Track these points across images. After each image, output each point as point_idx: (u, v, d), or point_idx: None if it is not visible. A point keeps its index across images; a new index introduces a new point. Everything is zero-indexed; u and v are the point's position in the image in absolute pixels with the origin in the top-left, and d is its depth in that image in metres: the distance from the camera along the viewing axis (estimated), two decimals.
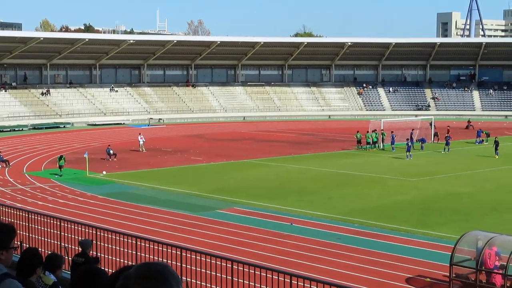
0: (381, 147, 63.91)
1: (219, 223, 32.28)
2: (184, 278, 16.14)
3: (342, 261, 26.05)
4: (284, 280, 13.24)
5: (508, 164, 53.72)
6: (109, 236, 17.41)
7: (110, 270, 17.04)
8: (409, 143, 58.25)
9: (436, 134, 70.26)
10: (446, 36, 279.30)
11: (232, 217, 33.88)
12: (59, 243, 18.46)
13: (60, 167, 47.28)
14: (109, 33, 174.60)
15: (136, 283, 4.15)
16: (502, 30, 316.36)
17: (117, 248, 17.44)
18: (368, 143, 63.43)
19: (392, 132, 63.51)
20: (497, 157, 57.25)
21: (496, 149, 58.17)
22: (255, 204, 37.13)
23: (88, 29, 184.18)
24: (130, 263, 16.43)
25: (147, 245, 16.53)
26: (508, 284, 21.26)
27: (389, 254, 27.01)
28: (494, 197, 39.39)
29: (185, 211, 35.12)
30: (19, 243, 17.65)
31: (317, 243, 28.48)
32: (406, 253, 27.26)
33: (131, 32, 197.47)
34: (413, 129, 66.41)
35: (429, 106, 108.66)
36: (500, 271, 21.46)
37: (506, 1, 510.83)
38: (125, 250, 17.11)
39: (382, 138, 64.55)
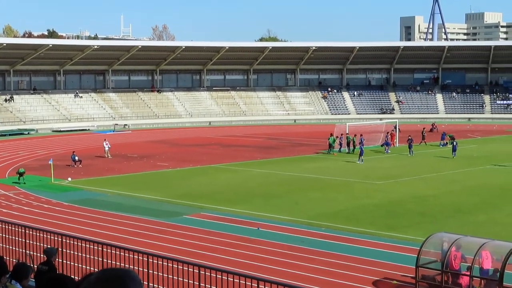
0: (348, 150, 64.12)
1: (185, 229, 32.20)
2: (151, 284, 16.07)
3: (309, 264, 26.12)
4: (251, 285, 13.24)
5: (471, 166, 54.38)
6: (75, 243, 17.28)
7: (77, 278, 16.92)
8: (362, 147, 58.61)
9: (423, 137, 70.98)
10: (409, 40, 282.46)
11: (199, 222, 33.81)
12: (24, 251, 18.27)
13: (21, 174, 46.44)
14: (73, 38, 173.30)
15: (96, 287, 4.19)
16: (464, 34, 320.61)
17: (83, 255, 17.31)
18: (331, 146, 63.60)
19: (361, 135, 63.59)
20: (454, 157, 58.92)
21: (453, 149, 60.36)
22: (221, 209, 37.10)
23: (52, 34, 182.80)
24: (96, 270, 16.33)
25: (113, 251, 16.41)
26: (473, 285, 21.47)
27: (356, 257, 27.16)
28: (458, 199, 39.82)
29: (152, 217, 34.97)
30: None
31: (284, 247, 28.54)
32: (373, 256, 27.42)
33: (95, 38, 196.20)
34: (392, 132, 67.21)
35: (393, 109, 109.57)
36: (468, 273, 21.67)
37: (468, 5, 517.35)
38: (91, 257, 16.98)
39: (348, 141, 64.82)
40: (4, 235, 18.53)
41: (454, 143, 61.45)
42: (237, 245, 29.02)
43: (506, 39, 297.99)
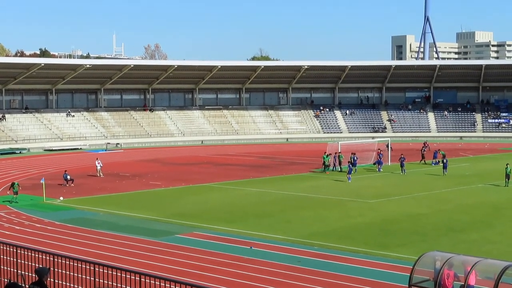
0: (339, 169, 64.10)
1: (178, 248, 32.10)
2: None
3: (302, 284, 26.05)
4: None
5: (463, 184, 54.46)
6: (67, 262, 17.20)
7: None
8: (350, 166, 58.83)
9: (423, 156, 71.19)
10: (401, 59, 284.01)
11: (192, 241, 33.71)
12: (15, 270, 18.18)
13: (15, 193, 46.48)
14: (65, 57, 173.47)
15: None
16: (455, 53, 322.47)
17: (75, 274, 17.23)
18: (325, 165, 63.60)
19: (353, 154, 63.75)
20: (445, 175, 59.95)
21: (444, 167, 61.34)
22: (214, 228, 37.02)
23: (44, 53, 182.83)
24: None
25: (105, 271, 16.34)
26: None
27: (349, 276, 27.10)
28: (450, 217, 39.84)
29: (144, 236, 34.86)
30: None
31: (278, 267, 28.46)
32: (366, 274, 27.36)
33: (88, 57, 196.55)
34: (380, 150, 67.18)
35: (385, 128, 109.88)
36: None
37: (459, 24, 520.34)
38: (84, 276, 16.91)
39: (340, 160, 64.70)
40: None
41: (445, 160, 62.13)
42: (230, 264, 28.94)
43: (497, 58, 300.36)
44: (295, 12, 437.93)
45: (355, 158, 62.75)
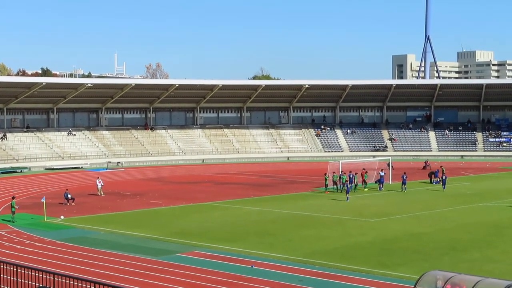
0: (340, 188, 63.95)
1: (179, 267, 32.03)
2: None
3: None
4: None
5: (465, 203, 54.40)
6: (68, 282, 17.18)
7: None
8: (348, 185, 58.91)
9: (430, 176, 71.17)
10: (401, 78, 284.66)
11: (193, 260, 33.65)
12: None
13: (13, 212, 46.34)
14: (66, 76, 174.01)
15: None
16: (456, 72, 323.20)
17: None
18: (326, 185, 63.54)
19: (350, 172, 63.80)
20: (444, 190, 61.90)
21: (443, 183, 63.49)
22: (215, 247, 36.96)
23: (46, 73, 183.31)
24: None
25: None
26: None
27: None
28: (452, 237, 39.76)
29: (145, 255, 34.79)
30: None
31: (279, 286, 28.39)
32: None
33: (89, 76, 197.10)
34: (362, 170, 66.95)
35: (386, 147, 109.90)
36: None
37: (459, 43, 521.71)
38: None
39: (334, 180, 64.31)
40: None
41: (444, 176, 62.88)
42: (231, 284, 28.86)
43: (497, 77, 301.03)
44: (296, 31, 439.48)
45: (352, 176, 62.79)
